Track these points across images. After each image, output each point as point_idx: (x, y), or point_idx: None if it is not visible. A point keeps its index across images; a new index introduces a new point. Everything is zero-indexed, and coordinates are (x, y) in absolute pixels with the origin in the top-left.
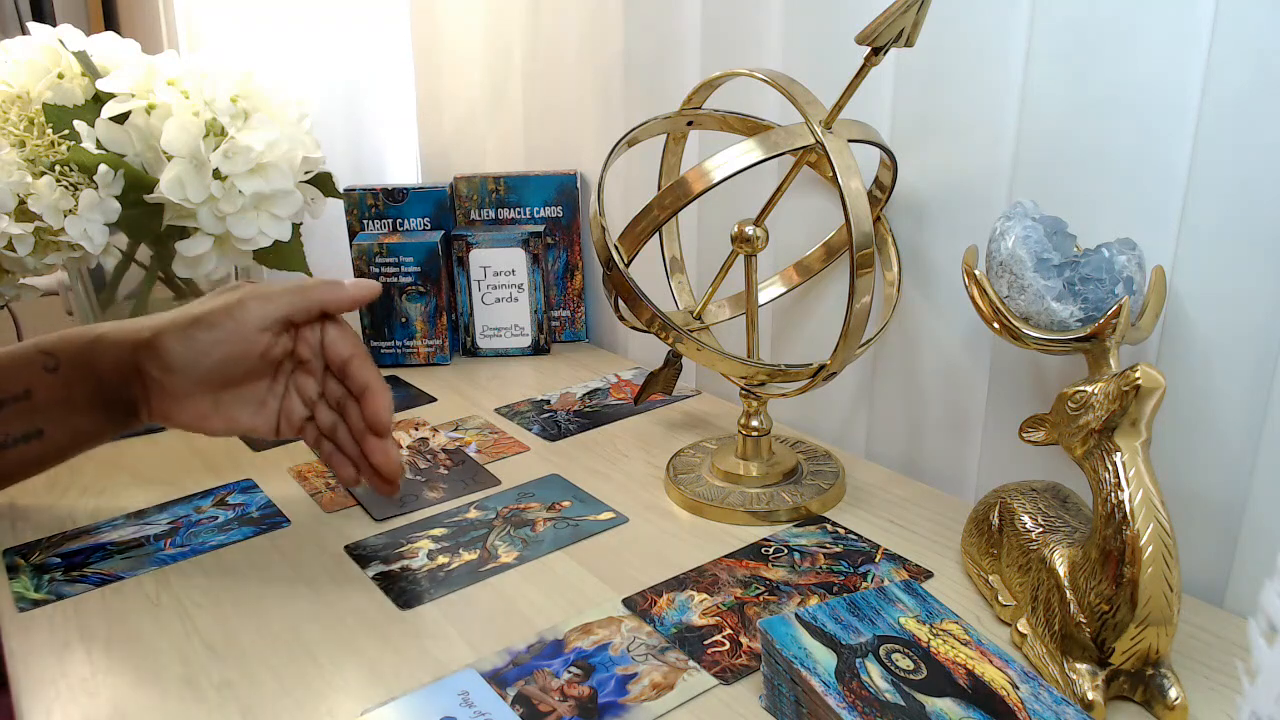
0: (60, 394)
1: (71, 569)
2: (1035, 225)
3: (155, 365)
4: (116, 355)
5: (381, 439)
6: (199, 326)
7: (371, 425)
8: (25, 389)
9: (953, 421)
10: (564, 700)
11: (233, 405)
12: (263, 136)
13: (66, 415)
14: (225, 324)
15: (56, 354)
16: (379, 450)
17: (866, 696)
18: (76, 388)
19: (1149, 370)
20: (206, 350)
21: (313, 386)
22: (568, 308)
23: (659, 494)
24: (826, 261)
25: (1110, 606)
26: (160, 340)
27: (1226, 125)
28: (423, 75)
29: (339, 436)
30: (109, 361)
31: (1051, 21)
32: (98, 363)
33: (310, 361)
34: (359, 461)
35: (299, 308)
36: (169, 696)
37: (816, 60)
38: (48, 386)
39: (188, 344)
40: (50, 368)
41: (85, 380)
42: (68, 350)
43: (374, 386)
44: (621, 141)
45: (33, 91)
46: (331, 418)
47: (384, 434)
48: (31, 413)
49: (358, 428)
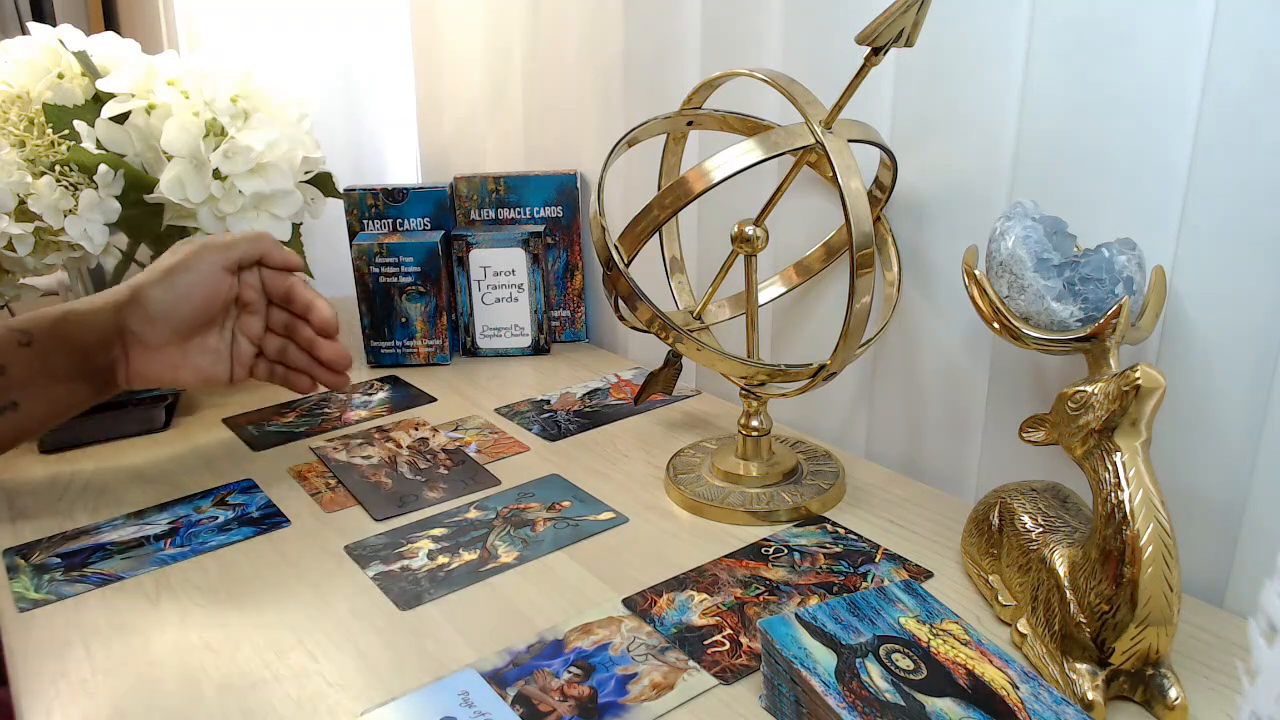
0: (36, 367)
1: (71, 569)
2: (1035, 225)
3: (138, 317)
4: (95, 320)
5: (331, 340)
6: (176, 273)
7: (320, 330)
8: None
9: (953, 421)
10: (564, 700)
11: (198, 355)
12: (263, 136)
13: (44, 387)
14: (198, 266)
15: (29, 330)
16: (328, 348)
17: (866, 696)
18: (53, 359)
19: (1149, 370)
20: (186, 293)
21: (257, 324)
22: (568, 308)
23: (659, 494)
24: (826, 261)
25: (1110, 606)
26: (143, 292)
27: (1226, 125)
28: (423, 75)
29: (289, 356)
30: (88, 328)
31: (1051, 21)
32: (73, 333)
33: (254, 302)
34: (310, 368)
35: (250, 253)
36: (169, 696)
37: (816, 60)
38: (23, 360)
39: (169, 289)
40: (24, 343)
41: (61, 351)
42: (40, 325)
43: (316, 303)
44: (621, 141)
45: (33, 91)
46: (279, 343)
47: (333, 335)
48: (6, 387)
49: (306, 339)
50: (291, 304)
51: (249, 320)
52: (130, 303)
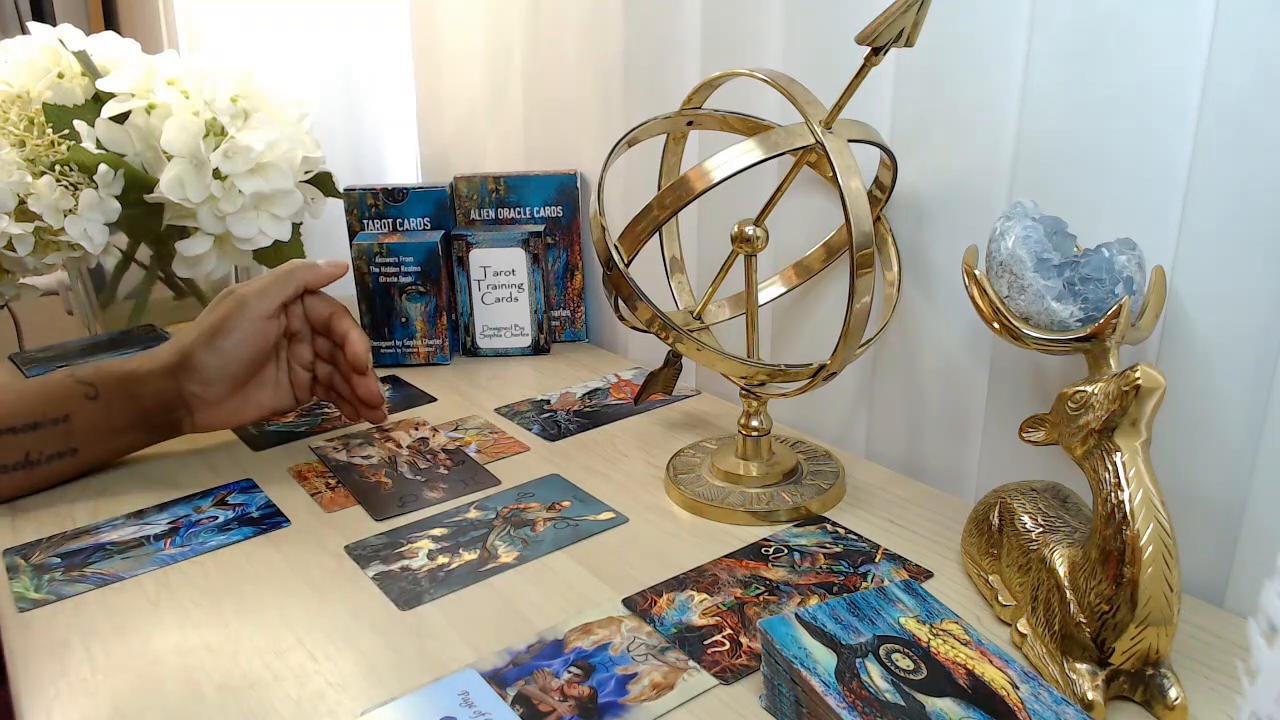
0: (100, 419)
1: (71, 569)
2: (1035, 225)
3: (194, 382)
4: (155, 386)
5: (363, 375)
6: (219, 335)
7: (352, 365)
8: (65, 414)
9: (953, 421)
10: (564, 700)
11: (257, 393)
12: (263, 136)
13: (105, 437)
14: (240, 325)
15: (95, 384)
16: (361, 384)
17: (866, 696)
18: (117, 414)
19: (1149, 370)
20: (233, 353)
21: (306, 351)
22: (568, 308)
23: (659, 494)
24: (826, 261)
25: (1110, 606)
26: (193, 359)
27: (1226, 125)
28: (423, 75)
29: (336, 384)
30: (149, 392)
31: (1051, 21)
32: (138, 393)
33: (300, 331)
34: (352, 400)
35: (289, 293)
36: (169, 696)
37: (816, 60)
38: (87, 413)
39: (216, 354)
40: (90, 396)
41: (126, 409)
42: (106, 381)
43: (351, 335)
44: (621, 141)
45: (33, 91)
46: (328, 370)
47: (364, 371)
48: (68, 435)
49: (346, 370)
50: (331, 333)
51: (299, 348)
52: (182, 368)
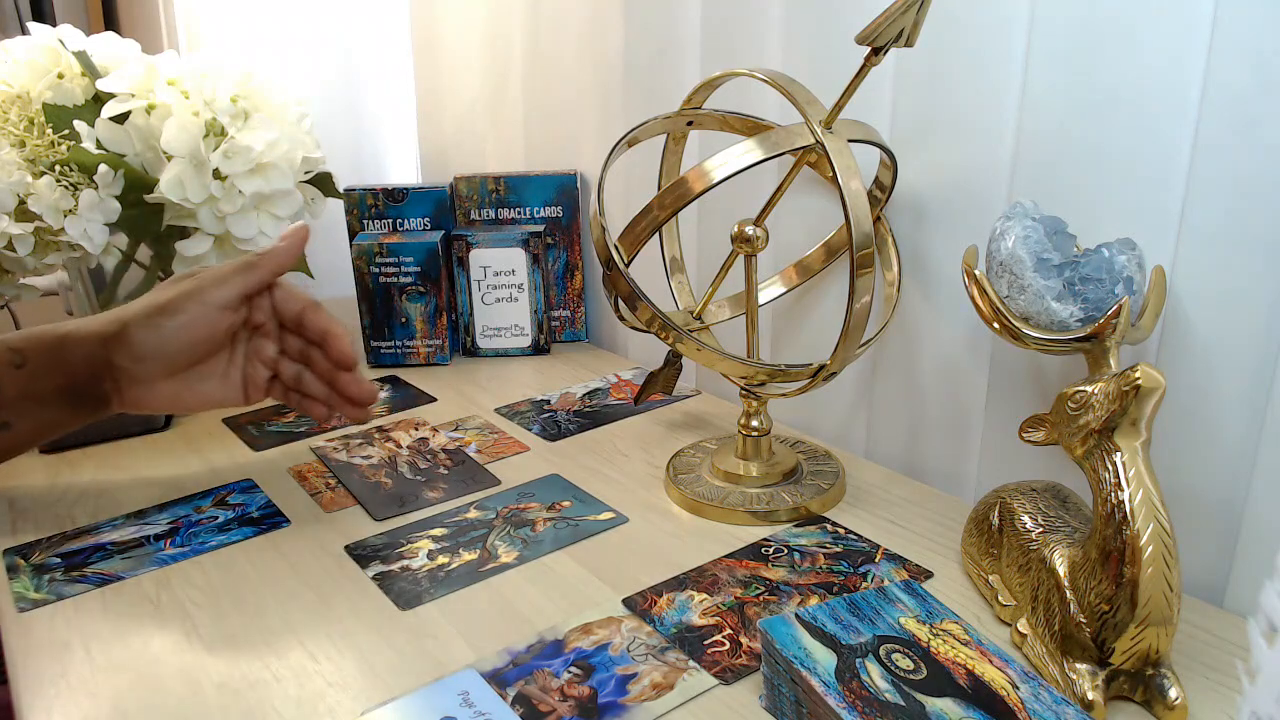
0: (27, 388)
1: (71, 569)
2: (1035, 225)
3: (125, 356)
4: (85, 351)
5: (351, 372)
6: (164, 314)
7: (339, 363)
8: None
9: (953, 421)
10: (564, 700)
11: (201, 382)
12: (263, 136)
13: (34, 408)
14: (189, 308)
15: (23, 351)
16: (351, 382)
17: (866, 696)
18: (44, 382)
19: (1149, 370)
20: (173, 335)
21: (270, 347)
22: (568, 308)
23: (659, 494)
24: (826, 261)
25: (1110, 606)
26: (128, 332)
27: (1226, 125)
28: (422, 74)
29: (305, 384)
30: (78, 358)
31: (1051, 21)
32: (67, 360)
33: (265, 324)
34: (329, 399)
35: (253, 285)
36: (169, 696)
37: (816, 60)
38: (14, 381)
39: (155, 332)
40: (17, 364)
41: (53, 375)
42: (35, 348)
43: (332, 330)
44: (621, 141)
45: (33, 91)
46: (294, 369)
47: (351, 368)
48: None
49: (324, 369)
50: (304, 330)
51: (261, 343)
52: (115, 339)
